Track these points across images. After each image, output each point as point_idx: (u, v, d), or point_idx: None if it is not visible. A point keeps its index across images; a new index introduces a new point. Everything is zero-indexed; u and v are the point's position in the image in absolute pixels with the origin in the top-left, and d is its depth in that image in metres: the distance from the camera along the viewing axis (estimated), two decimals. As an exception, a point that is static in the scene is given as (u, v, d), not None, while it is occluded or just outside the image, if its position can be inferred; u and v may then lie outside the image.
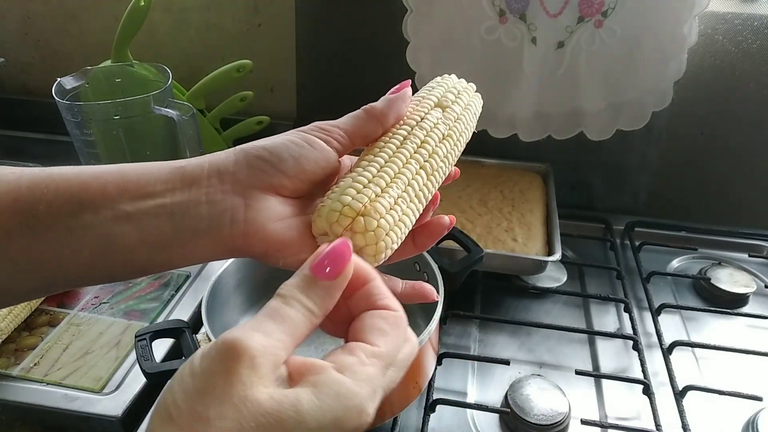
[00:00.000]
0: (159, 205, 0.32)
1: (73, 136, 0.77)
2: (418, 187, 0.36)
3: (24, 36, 1.07)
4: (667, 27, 0.73)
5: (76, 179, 0.33)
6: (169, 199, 0.32)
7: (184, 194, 0.33)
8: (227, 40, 1.00)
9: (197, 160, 0.34)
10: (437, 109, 0.39)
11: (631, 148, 0.90)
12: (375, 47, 0.91)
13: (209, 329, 0.56)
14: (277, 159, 0.33)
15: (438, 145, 0.37)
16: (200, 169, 0.33)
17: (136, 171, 0.33)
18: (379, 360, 0.27)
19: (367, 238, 0.32)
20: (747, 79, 0.83)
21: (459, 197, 0.84)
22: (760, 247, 0.89)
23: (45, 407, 0.59)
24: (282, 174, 0.33)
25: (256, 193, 0.33)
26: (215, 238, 0.33)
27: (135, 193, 0.32)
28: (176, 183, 0.33)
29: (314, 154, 0.34)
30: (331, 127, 0.36)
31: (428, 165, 0.36)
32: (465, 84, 0.43)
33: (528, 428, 0.58)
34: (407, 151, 0.36)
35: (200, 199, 0.32)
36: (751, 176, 0.90)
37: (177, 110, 0.74)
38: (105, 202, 0.32)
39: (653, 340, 0.71)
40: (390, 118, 0.37)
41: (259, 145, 0.34)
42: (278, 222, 0.33)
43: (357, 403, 0.25)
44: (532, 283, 0.79)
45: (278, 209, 0.33)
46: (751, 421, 0.61)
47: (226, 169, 0.33)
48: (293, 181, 0.34)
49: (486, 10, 0.76)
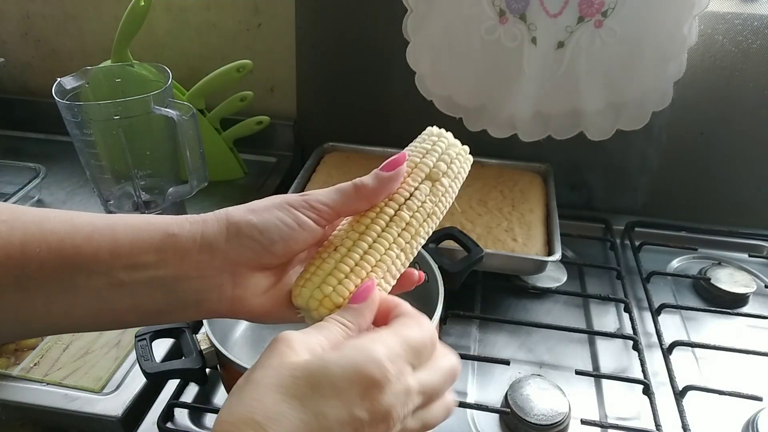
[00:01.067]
0: (152, 277, 0.34)
1: (73, 136, 0.77)
2: (396, 268, 0.38)
3: (24, 36, 1.07)
4: (667, 27, 0.73)
5: (70, 241, 0.34)
6: (162, 271, 0.34)
7: (176, 268, 0.34)
8: (227, 40, 1.00)
9: (190, 228, 0.35)
10: (427, 183, 0.39)
11: (631, 148, 0.90)
12: (375, 47, 0.91)
13: (209, 329, 0.56)
14: (268, 241, 0.35)
15: (421, 225, 0.38)
16: (192, 241, 0.35)
17: (127, 235, 0.34)
18: (397, 336, 0.32)
19: None
20: (747, 79, 0.83)
21: (459, 197, 0.83)
22: (760, 247, 0.89)
23: (45, 407, 0.59)
24: (272, 254, 0.35)
25: (244, 271, 0.35)
26: (203, 308, 0.36)
27: (127, 261, 0.34)
28: (168, 254, 0.34)
29: (304, 236, 0.36)
30: (321, 205, 0.37)
31: (409, 247, 0.38)
32: (459, 147, 0.42)
33: (528, 428, 0.58)
34: (391, 235, 0.37)
35: (191, 275, 0.35)
36: (751, 176, 0.90)
37: (177, 110, 0.74)
38: (98, 267, 0.34)
39: (653, 340, 0.71)
40: (380, 197, 0.38)
41: (250, 223, 0.35)
42: (262, 296, 0.36)
43: (371, 353, 0.30)
44: (532, 283, 0.79)
45: (262, 284, 0.36)
46: (751, 421, 0.60)
47: (217, 245, 0.35)
48: (281, 259, 0.36)
49: (486, 10, 0.76)
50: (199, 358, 0.56)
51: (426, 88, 0.84)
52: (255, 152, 1.02)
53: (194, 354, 0.57)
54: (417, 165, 0.39)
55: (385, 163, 0.37)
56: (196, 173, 0.76)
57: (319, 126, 1.00)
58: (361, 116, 0.98)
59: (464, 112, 0.85)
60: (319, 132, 0.98)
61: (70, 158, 0.86)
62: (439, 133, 0.42)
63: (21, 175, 0.91)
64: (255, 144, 0.99)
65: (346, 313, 0.34)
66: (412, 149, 0.41)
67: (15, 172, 0.92)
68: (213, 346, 0.55)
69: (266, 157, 1.04)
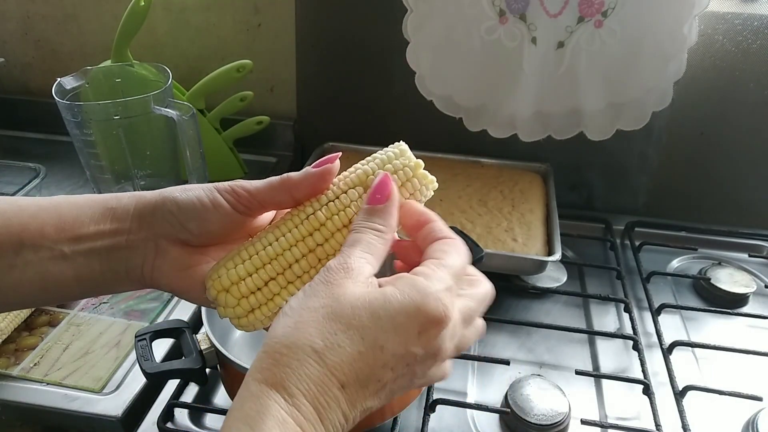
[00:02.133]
0: (90, 248, 0.37)
1: (73, 136, 0.77)
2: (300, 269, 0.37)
3: (24, 36, 1.07)
4: (667, 27, 0.73)
5: (17, 219, 0.36)
6: (99, 242, 0.37)
7: (110, 239, 0.37)
8: (227, 40, 1.00)
9: (126, 201, 0.38)
10: (358, 188, 0.37)
11: (631, 148, 0.90)
12: (375, 47, 0.91)
13: (209, 329, 0.56)
14: (184, 218, 0.37)
15: (340, 231, 0.37)
16: (125, 213, 0.38)
17: (71, 211, 0.38)
18: (445, 267, 0.33)
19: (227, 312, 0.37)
20: (747, 79, 0.83)
21: (459, 197, 0.84)
22: (760, 247, 0.89)
23: (45, 407, 0.59)
24: (187, 231, 0.37)
25: (165, 244, 0.38)
26: (132, 279, 0.38)
27: (70, 235, 0.37)
28: (105, 226, 0.37)
29: (216, 216, 0.37)
30: (242, 191, 0.38)
31: (320, 249, 0.37)
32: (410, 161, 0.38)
33: (528, 428, 0.58)
34: (300, 234, 0.36)
35: (121, 244, 0.37)
36: (751, 176, 0.90)
37: (177, 110, 0.74)
38: (44, 242, 0.36)
39: (653, 340, 0.71)
40: (302, 191, 0.38)
41: (174, 199, 0.37)
42: (181, 272, 0.38)
43: (430, 291, 0.31)
44: (532, 283, 0.79)
45: (183, 260, 0.38)
46: (751, 421, 0.60)
47: (144, 217, 0.38)
48: (198, 238, 0.38)
49: (486, 10, 0.76)
50: (199, 358, 0.56)
51: (426, 88, 0.84)
52: (255, 152, 1.02)
53: (194, 354, 0.57)
54: (353, 172, 0.38)
55: (317, 161, 0.38)
56: (196, 173, 0.76)
57: (319, 126, 1.00)
58: (361, 116, 0.97)
59: (464, 112, 0.85)
60: (319, 132, 0.98)
61: (70, 158, 0.86)
62: (398, 145, 0.39)
63: (21, 175, 0.91)
64: (255, 144, 0.99)
65: (375, 217, 0.35)
66: (368, 158, 0.39)
67: (15, 172, 0.92)
68: (213, 346, 0.55)
69: (266, 157, 1.04)
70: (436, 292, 0.31)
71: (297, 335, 0.29)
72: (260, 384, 0.29)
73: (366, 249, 0.33)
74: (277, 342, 0.29)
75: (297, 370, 0.29)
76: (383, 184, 0.36)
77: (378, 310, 0.30)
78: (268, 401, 0.28)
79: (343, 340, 0.29)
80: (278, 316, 0.31)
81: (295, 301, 0.31)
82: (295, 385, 0.28)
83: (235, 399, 0.29)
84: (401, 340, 0.30)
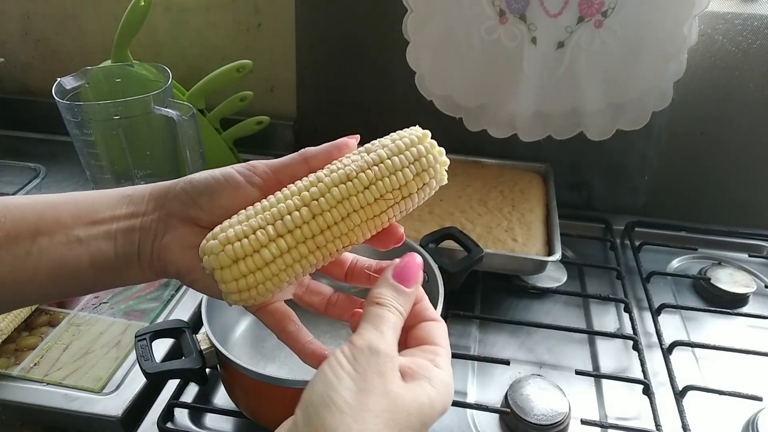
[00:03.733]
0: (106, 231, 0.37)
1: (73, 136, 0.77)
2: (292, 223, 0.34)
3: (24, 36, 1.07)
4: (667, 27, 0.73)
5: (32, 210, 0.36)
6: (114, 225, 0.37)
7: (126, 221, 0.37)
8: (227, 40, 1.00)
9: (143, 187, 0.38)
10: (363, 153, 0.36)
11: (631, 148, 0.90)
12: (375, 47, 0.91)
13: (209, 329, 0.56)
14: (196, 194, 0.37)
15: (337, 186, 0.34)
16: (142, 197, 0.38)
17: (87, 199, 0.38)
18: (448, 356, 0.35)
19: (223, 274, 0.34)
20: (747, 79, 0.83)
21: (459, 197, 0.84)
22: (760, 247, 0.89)
23: (45, 407, 0.59)
24: (198, 207, 0.37)
25: (175, 222, 0.37)
26: (142, 263, 0.37)
27: (87, 219, 0.37)
28: (122, 209, 0.38)
29: (228, 190, 0.37)
30: (259, 164, 0.38)
31: (315, 204, 0.34)
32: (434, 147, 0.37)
33: (528, 428, 0.58)
34: (296, 189, 0.35)
35: (135, 226, 0.37)
36: (751, 176, 0.90)
37: (177, 110, 0.74)
38: (60, 228, 0.36)
39: (653, 340, 0.71)
40: (319, 160, 0.37)
41: (190, 179, 0.38)
42: (188, 249, 0.37)
43: (452, 388, 0.34)
44: (532, 283, 0.79)
45: (191, 238, 0.37)
46: (751, 421, 0.60)
47: (159, 198, 0.38)
48: (209, 215, 0.37)
49: (486, 10, 0.76)
50: (199, 358, 0.56)
51: (426, 88, 0.84)
52: (255, 152, 1.02)
53: (194, 354, 0.57)
54: (372, 152, 0.36)
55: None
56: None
57: (319, 126, 1.00)
58: (361, 116, 0.97)
59: (464, 112, 0.85)
60: (319, 132, 0.98)
61: (70, 158, 0.87)
62: (416, 131, 0.38)
63: (21, 175, 0.91)
64: (255, 144, 0.99)
65: (401, 299, 0.35)
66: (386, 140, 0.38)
67: (15, 172, 0.93)
68: (213, 346, 0.55)
69: (266, 157, 1.02)
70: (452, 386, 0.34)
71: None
72: None
73: (391, 331, 0.33)
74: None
75: None
76: (416, 267, 0.36)
77: (425, 416, 0.31)
78: None
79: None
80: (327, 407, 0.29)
81: (349, 394, 0.29)
82: None
83: None
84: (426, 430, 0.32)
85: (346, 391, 0.29)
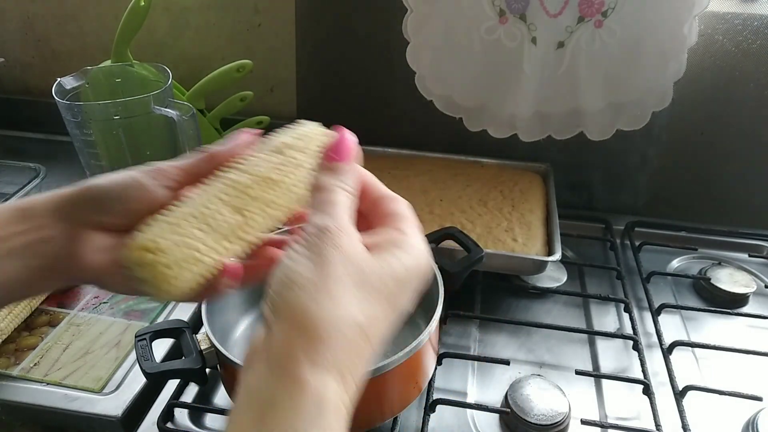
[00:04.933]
0: (10, 248, 0.36)
1: (73, 136, 0.77)
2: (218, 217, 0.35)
3: (24, 36, 1.07)
4: (667, 27, 0.73)
5: None
6: (18, 241, 0.36)
7: (29, 235, 0.36)
8: (227, 40, 1.00)
9: (41, 198, 0.37)
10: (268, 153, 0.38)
11: (631, 148, 0.90)
12: (375, 47, 0.91)
13: (209, 329, 0.56)
14: (106, 201, 0.37)
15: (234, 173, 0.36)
16: (44, 209, 0.37)
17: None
18: (413, 224, 0.35)
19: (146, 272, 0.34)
20: (747, 79, 0.83)
21: (459, 197, 0.84)
22: (760, 247, 0.89)
23: (45, 407, 0.59)
24: (110, 214, 0.37)
25: (82, 230, 0.36)
26: (56, 271, 0.37)
27: None
28: (24, 224, 0.36)
29: (138, 193, 0.37)
30: (169, 167, 0.38)
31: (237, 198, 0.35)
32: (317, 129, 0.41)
33: (528, 428, 0.58)
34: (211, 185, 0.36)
35: (39, 238, 0.36)
36: (751, 176, 0.90)
37: (177, 110, 0.74)
38: None
39: (653, 340, 0.71)
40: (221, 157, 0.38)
41: (96, 185, 0.37)
42: (99, 253, 0.36)
43: (426, 252, 0.33)
44: (532, 283, 0.79)
45: (101, 242, 0.37)
46: (751, 421, 0.60)
47: (63, 208, 0.37)
48: (118, 219, 0.37)
49: (486, 10, 0.76)
50: (199, 358, 0.56)
51: (426, 88, 0.84)
52: (255, 152, 1.02)
53: (194, 354, 0.57)
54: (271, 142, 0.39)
55: None
56: (196, 173, 0.76)
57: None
58: (361, 116, 0.97)
59: (464, 112, 0.85)
60: (319, 132, 0.98)
61: (70, 158, 0.86)
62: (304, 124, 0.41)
63: (21, 175, 0.91)
64: (255, 144, 0.99)
65: (346, 178, 0.34)
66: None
67: (15, 172, 0.93)
68: (213, 346, 0.55)
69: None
70: (427, 254, 0.33)
71: (337, 310, 0.27)
72: (313, 368, 0.27)
73: (347, 212, 0.32)
74: (318, 317, 0.27)
75: (347, 349, 0.27)
76: (348, 141, 0.36)
77: (402, 281, 0.30)
78: (324, 390, 0.26)
79: (378, 311, 0.29)
80: (288, 287, 0.28)
81: (306, 269, 0.28)
82: (347, 366, 0.27)
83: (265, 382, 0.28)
84: (409, 300, 0.31)
85: (303, 268, 0.29)
